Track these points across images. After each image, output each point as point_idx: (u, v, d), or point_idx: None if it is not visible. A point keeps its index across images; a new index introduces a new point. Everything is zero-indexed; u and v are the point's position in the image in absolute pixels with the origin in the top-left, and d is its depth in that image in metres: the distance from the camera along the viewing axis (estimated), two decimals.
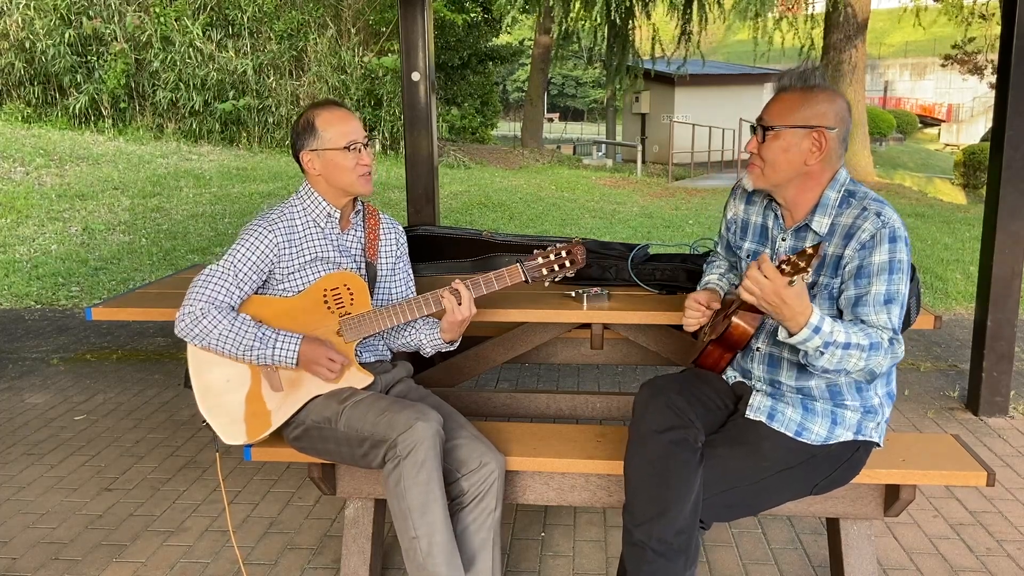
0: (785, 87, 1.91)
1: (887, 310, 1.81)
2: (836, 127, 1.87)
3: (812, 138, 1.86)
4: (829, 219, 1.90)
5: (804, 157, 1.88)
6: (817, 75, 1.90)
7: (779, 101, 1.91)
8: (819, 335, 1.72)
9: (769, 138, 1.89)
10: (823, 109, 1.86)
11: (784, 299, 1.68)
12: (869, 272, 1.82)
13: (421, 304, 2.17)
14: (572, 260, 2.17)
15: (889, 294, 1.81)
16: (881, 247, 1.81)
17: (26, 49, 12.66)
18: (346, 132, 2.17)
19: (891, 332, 1.81)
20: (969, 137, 30.87)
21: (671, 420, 1.91)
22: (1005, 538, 2.70)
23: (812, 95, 1.87)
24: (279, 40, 14.18)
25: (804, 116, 1.86)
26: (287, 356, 2.10)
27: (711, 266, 2.30)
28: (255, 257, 2.15)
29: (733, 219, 2.16)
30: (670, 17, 14.48)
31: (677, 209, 11.39)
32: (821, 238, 1.90)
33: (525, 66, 27.88)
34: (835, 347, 1.74)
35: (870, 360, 1.77)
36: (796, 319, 1.71)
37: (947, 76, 35.85)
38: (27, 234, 7.65)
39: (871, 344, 1.77)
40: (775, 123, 1.89)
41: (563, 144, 27.42)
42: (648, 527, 1.86)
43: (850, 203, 1.89)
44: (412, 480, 1.95)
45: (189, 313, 2.10)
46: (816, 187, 1.92)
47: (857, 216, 1.85)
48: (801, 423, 1.92)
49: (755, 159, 1.94)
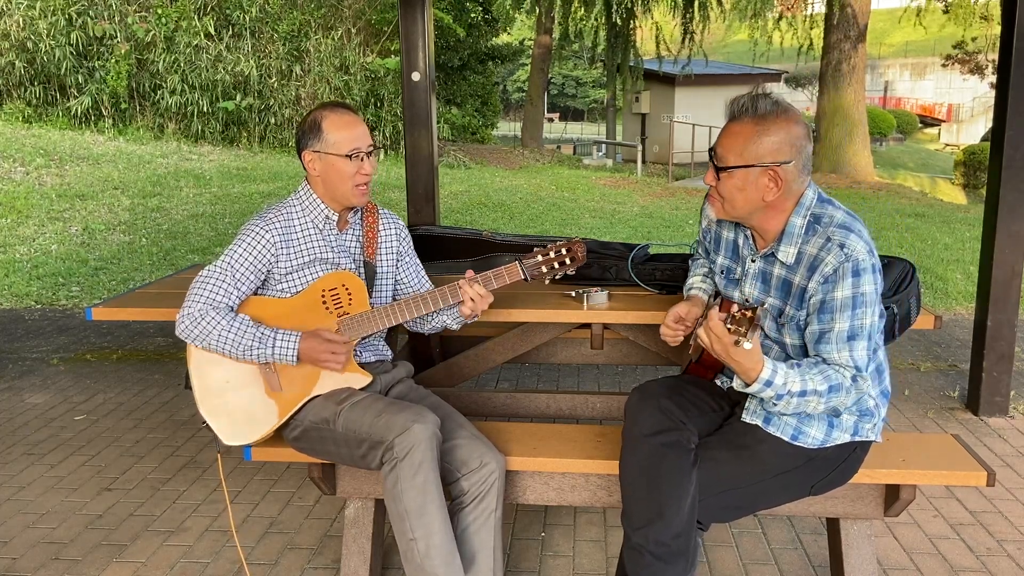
0: (735, 116, 1.83)
1: (849, 347, 1.78)
2: (792, 159, 1.79)
3: (768, 176, 1.80)
4: (795, 248, 1.85)
5: (761, 193, 1.81)
6: (768, 100, 1.80)
7: (731, 135, 1.82)
8: (771, 388, 1.75)
9: (724, 177, 1.83)
10: (776, 143, 1.78)
11: (732, 356, 1.71)
12: (832, 308, 1.78)
13: (420, 303, 2.17)
14: (572, 257, 2.16)
15: (852, 330, 1.77)
16: (844, 282, 1.76)
17: (27, 49, 12.65)
18: (351, 138, 2.16)
19: (853, 370, 1.79)
20: (969, 137, 30.86)
21: (662, 423, 1.91)
22: (1005, 538, 2.70)
23: (765, 127, 1.78)
24: (283, 42, 14.17)
25: (757, 153, 1.78)
26: (287, 354, 2.10)
27: (695, 265, 2.30)
28: (252, 257, 2.15)
29: (707, 229, 2.15)
30: (671, 17, 14.49)
31: (677, 209, 11.39)
32: (788, 267, 1.86)
33: (525, 66, 27.86)
34: (790, 396, 1.76)
35: (830, 402, 1.79)
36: (748, 373, 1.74)
37: (947, 76, 35.85)
38: (27, 234, 7.65)
39: (830, 387, 1.77)
40: (728, 162, 1.82)
41: (563, 144, 27.42)
42: (645, 531, 1.86)
43: (816, 230, 1.82)
44: (409, 482, 1.95)
45: (189, 315, 2.10)
46: (781, 215, 1.86)
47: (821, 247, 1.79)
48: (797, 427, 1.91)
49: (714, 192, 1.89)
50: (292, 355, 2.11)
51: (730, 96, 1.90)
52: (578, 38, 15.59)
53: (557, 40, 18.06)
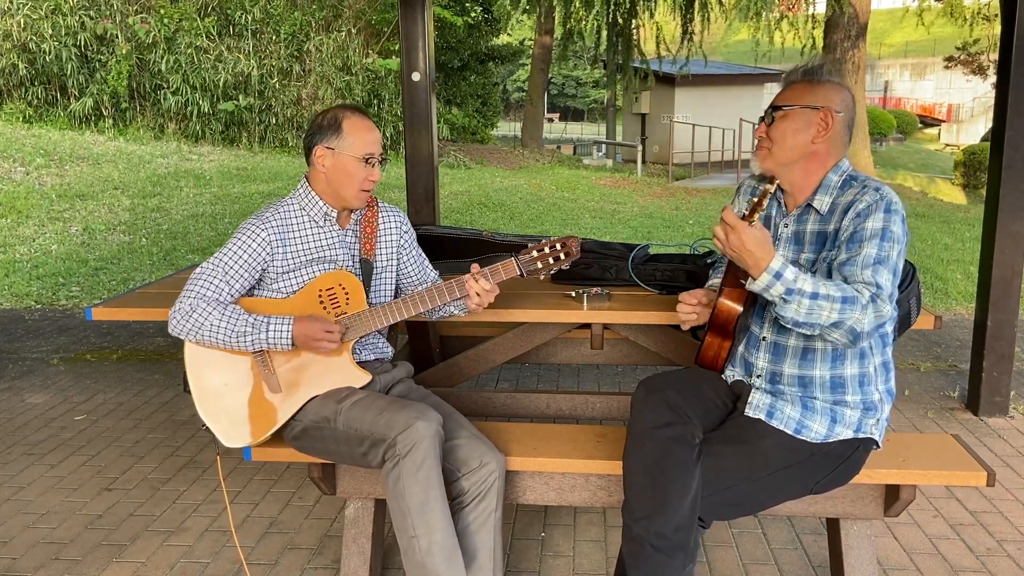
0: (793, 80, 2.00)
1: (874, 270, 1.80)
2: (842, 111, 1.94)
3: (819, 118, 1.93)
4: (830, 198, 1.96)
5: (811, 136, 1.94)
6: (824, 71, 1.98)
7: (788, 89, 2.00)
8: (780, 281, 1.75)
9: (778, 118, 1.96)
10: (830, 93, 1.94)
11: (744, 243, 1.75)
12: (861, 237, 1.84)
13: (417, 302, 2.18)
14: (567, 252, 2.17)
15: (879, 257, 1.81)
16: (876, 215, 1.84)
17: (28, 50, 12.65)
18: (367, 142, 2.19)
19: (874, 288, 1.78)
20: (969, 137, 30.87)
21: (668, 417, 1.92)
22: (1005, 538, 2.70)
23: (820, 84, 1.96)
24: (285, 43, 14.17)
25: (812, 98, 1.94)
26: (281, 338, 2.09)
27: (716, 270, 2.34)
28: (246, 255, 2.15)
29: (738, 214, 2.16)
30: (671, 17, 14.48)
31: (677, 209, 11.39)
32: (822, 217, 1.95)
33: (525, 66, 27.86)
34: (800, 295, 1.75)
35: (844, 314, 1.74)
36: (758, 264, 1.76)
37: (947, 76, 35.84)
38: (27, 234, 7.65)
39: (844, 297, 1.75)
40: (784, 104, 1.97)
41: (563, 144, 27.42)
42: (647, 523, 1.87)
43: (851, 185, 1.95)
44: (411, 479, 1.95)
45: (180, 310, 2.11)
46: (820, 170, 1.97)
47: (856, 193, 1.91)
48: (800, 421, 1.92)
49: (763, 141, 2.01)
50: (287, 338, 2.09)
51: (730, 96, 1.95)
52: (579, 38, 15.56)
53: (558, 40, 18.04)
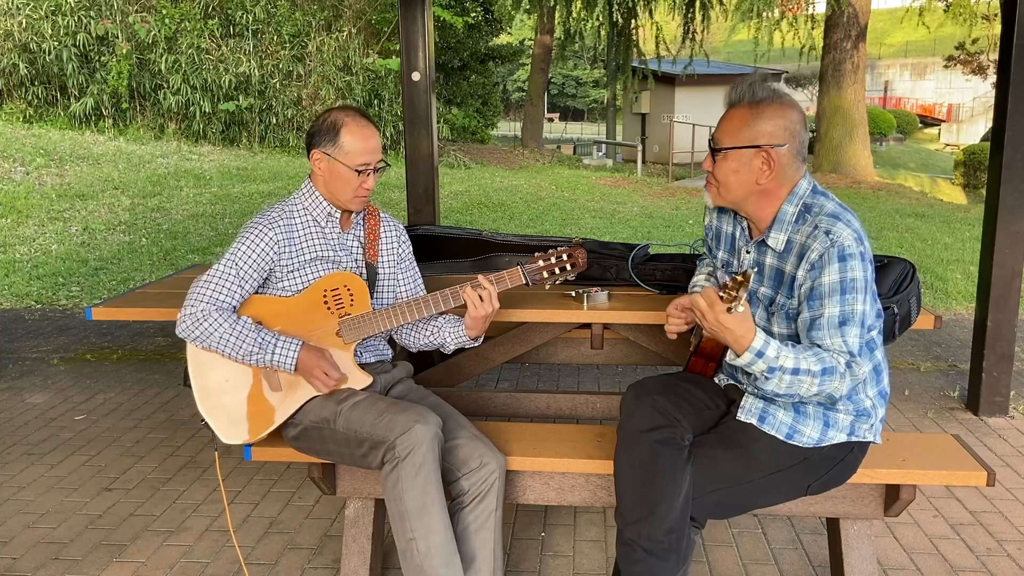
0: (733, 102, 1.87)
1: (842, 332, 1.77)
2: (786, 143, 1.82)
3: (761, 157, 1.83)
4: (785, 235, 1.87)
5: (755, 176, 1.85)
6: (766, 87, 1.84)
7: (728, 119, 1.87)
8: (763, 359, 1.73)
9: (719, 159, 1.88)
10: (771, 127, 1.81)
11: (724, 325, 1.70)
12: (820, 294, 1.78)
13: (421, 306, 2.17)
14: (573, 263, 2.16)
15: (843, 315, 1.77)
16: (830, 267, 1.77)
17: (29, 50, 12.65)
18: (364, 151, 2.16)
19: (847, 356, 1.77)
20: (969, 137, 30.85)
21: (656, 420, 1.92)
22: (1005, 538, 2.70)
23: (759, 111, 1.82)
24: (286, 43, 14.16)
25: (751, 135, 1.82)
26: (286, 362, 2.11)
27: (702, 265, 2.32)
28: (255, 255, 2.15)
29: (709, 226, 2.18)
30: (672, 17, 14.47)
31: (677, 209, 11.38)
32: (779, 255, 1.88)
33: (525, 66, 27.84)
34: (782, 372, 1.74)
35: (824, 385, 1.76)
36: (739, 342, 1.72)
37: (947, 76, 35.83)
38: (27, 234, 7.65)
39: (824, 369, 1.75)
40: (723, 144, 1.86)
41: (563, 144, 27.41)
42: (638, 526, 1.87)
43: (805, 219, 1.85)
44: (410, 482, 1.95)
45: (191, 315, 2.10)
46: (774, 202, 1.89)
47: (808, 235, 1.82)
48: (792, 425, 1.91)
49: (710, 177, 1.93)
50: (291, 363, 2.11)
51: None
52: (579, 38, 15.55)
53: (558, 40, 18.03)
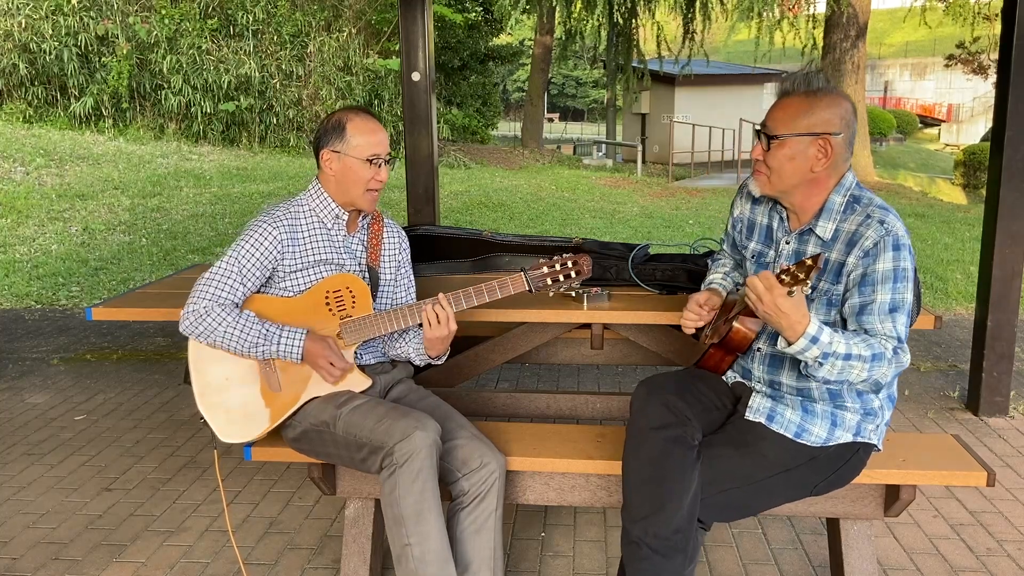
0: (788, 91, 1.88)
1: (892, 319, 1.79)
2: (841, 132, 1.84)
3: (818, 145, 1.84)
4: (833, 224, 1.88)
5: (810, 164, 1.86)
6: (821, 78, 1.87)
7: (783, 107, 1.88)
8: (817, 345, 1.72)
9: (774, 147, 1.87)
10: (828, 115, 1.83)
11: (781, 308, 1.68)
12: (874, 280, 1.80)
13: (422, 309, 2.17)
14: (578, 271, 2.15)
15: (894, 303, 1.79)
16: (885, 255, 1.79)
17: (29, 50, 12.65)
18: (372, 143, 2.17)
19: (895, 341, 1.79)
20: (969, 137, 30.84)
21: (667, 418, 1.91)
22: (1005, 538, 2.70)
23: (816, 100, 1.84)
24: (288, 44, 14.16)
25: (809, 123, 1.84)
26: (292, 352, 2.11)
27: (716, 264, 2.30)
28: (259, 253, 2.15)
29: (739, 217, 2.15)
30: (672, 17, 14.47)
31: (677, 209, 11.39)
32: (824, 244, 1.89)
33: (525, 66, 27.84)
34: (835, 358, 1.73)
35: (873, 371, 1.77)
36: (794, 328, 1.70)
37: (947, 76, 35.82)
38: (27, 234, 7.65)
39: (873, 355, 1.76)
40: (780, 132, 1.86)
41: (563, 144, 27.40)
42: (645, 524, 1.87)
43: (855, 209, 1.87)
44: (407, 488, 1.95)
45: (193, 311, 2.11)
46: (822, 192, 1.90)
47: (860, 223, 1.84)
48: (801, 424, 1.92)
49: (760, 166, 1.92)
50: (297, 353, 2.11)
51: (730, 96, 1.92)
52: (579, 38, 15.54)
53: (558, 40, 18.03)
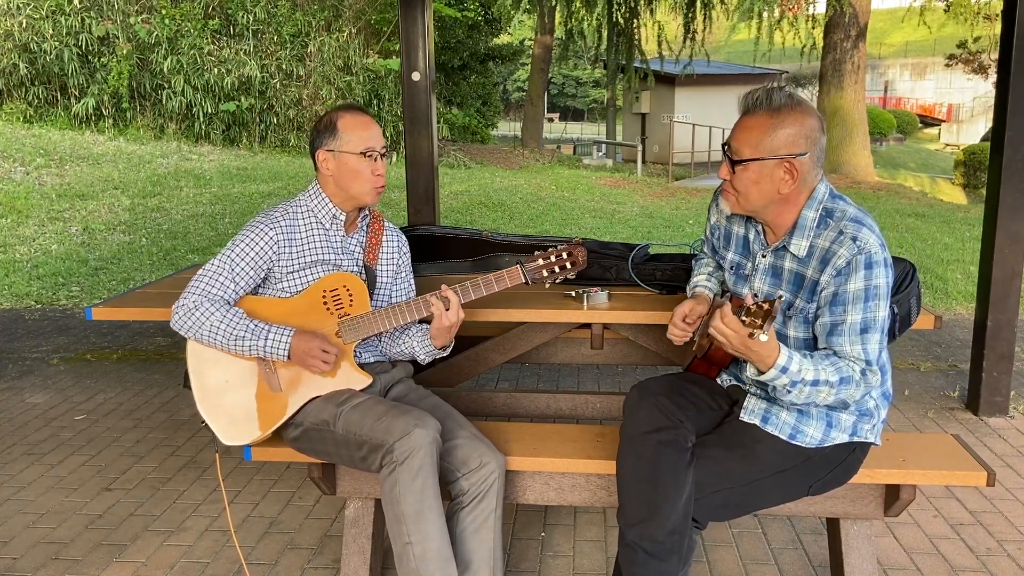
0: (749, 110, 1.83)
1: (862, 340, 1.79)
2: (807, 151, 1.79)
3: (784, 168, 1.80)
4: (807, 241, 1.85)
5: (776, 186, 1.82)
6: (783, 94, 1.81)
7: (745, 127, 1.83)
8: (786, 375, 1.74)
9: (739, 170, 1.84)
10: (791, 135, 1.78)
11: (748, 346, 1.71)
12: (844, 300, 1.78)
13: (421, 306, 2.17)
14: (573, 262, 2.16)
15: (865, 323, 1.78)
16: (856, 274, 1.77)
17: (29, 50, 12.65)
18: (365, 138, 2.18)
19: (863, 364, 1.79)
20: (969, 137, 30.83)
21: (660, 421, 1.92)
22: (1005, 538, 2.70)
23: (780, 119, 1.78)
24: (288, 44, 14.16)
25: (772, 146, 1.79)
26: (279, 349, 2.10)
27: (700, 264, 2.29)
28: (253, 253, 2.15)
29: (716, 225, 2.15)
30: (672, 17, 14.48)
31: (677, 209, 11.39)
32: (800, 260, 1.87)
33: (525, 66, 27.85)
34: (803, 384, 1.76)
35: (840, 393, 1.79)
36: (764, 361, 1.73)
37: (947, 76, 35.82)
38: (27, 234, 7.65)
39: (841, 379, 1.77)
40: (744, 155, 1.82)
41: (563, 144, 27.40)
42: (640, 528, 1.87)
43: (827, 224, 1.83)
44: (407, 487, 1.95)
45: (183, 306, 2.11)
46: (793, 208, 1.87)
47: (834, 240, 1.80)
48: (795, 426, 1.92)
49: (728, 187, 1.90)
50: (284, 350, 2.10)
51: (731, 96, 1.91)
52: (580, 38, 15.54)
53: (558, 40, 18.03)
